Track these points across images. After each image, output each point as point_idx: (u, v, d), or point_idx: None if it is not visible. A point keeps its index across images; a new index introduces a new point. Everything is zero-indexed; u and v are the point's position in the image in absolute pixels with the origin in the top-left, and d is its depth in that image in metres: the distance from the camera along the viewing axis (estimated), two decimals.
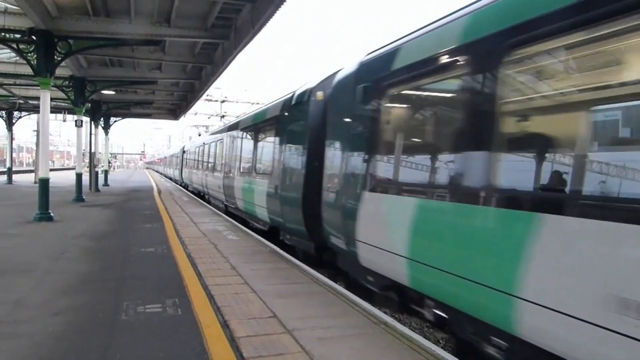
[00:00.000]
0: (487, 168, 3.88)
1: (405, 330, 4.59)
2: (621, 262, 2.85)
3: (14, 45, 12.79)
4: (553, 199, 3.51)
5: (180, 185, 34.11)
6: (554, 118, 4.02)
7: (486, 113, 3.98)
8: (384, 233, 5.54)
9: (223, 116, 46.68)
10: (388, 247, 5.37)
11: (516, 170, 3.99)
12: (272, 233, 10.57)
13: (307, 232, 8.33)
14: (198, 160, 24.13)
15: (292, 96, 9.47)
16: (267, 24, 12.04)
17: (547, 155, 3.99)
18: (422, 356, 3.97)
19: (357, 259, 6.31)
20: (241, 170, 13.43)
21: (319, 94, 8.30)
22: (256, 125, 12.20)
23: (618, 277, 2.84)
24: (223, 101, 48.02)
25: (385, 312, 5.55)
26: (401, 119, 6.12)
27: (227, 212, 15.81)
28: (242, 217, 13.87)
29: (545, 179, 3.85)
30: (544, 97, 3.97)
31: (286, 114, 9.65)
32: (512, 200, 3.73)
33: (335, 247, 7.25)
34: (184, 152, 33.18)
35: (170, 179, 45.60)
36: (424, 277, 4.76)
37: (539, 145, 3.98)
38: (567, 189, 3.56)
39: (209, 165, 19.81)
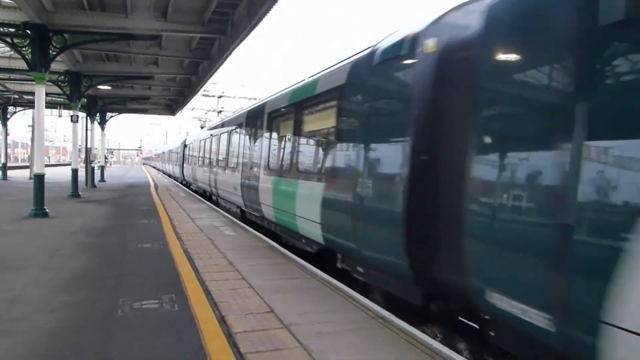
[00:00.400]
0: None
1: (403, 324, 4.59)
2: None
3: (9, 40, 12.69)
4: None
5: (181, 183, 31.74)
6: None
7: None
8: None
9: (220, 111, 46.60)
10: None
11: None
12: (321, 256, 7.66)
13: (411, 269, 5.06)
14: (204, 156, 20.83)
15: (372, 52, 6.08)
16: (264, 19, 11.98)
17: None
18: (419, 350, 3.97)
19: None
20: (272, 168, 9.93)
21: (429, 44, 5.01)
22: (299, 105, 8.71)
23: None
24: (220, 96, 47.96)
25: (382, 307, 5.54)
26: None
27: (244, 220, 12.84)
28: (268, 229, 10.67)
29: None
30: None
31: (359, 82, 6.34)
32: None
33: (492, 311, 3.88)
34: (185, 146, 29.72)
35: (170, 176, 42.26)
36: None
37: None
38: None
39: (220, 161, 16.49)
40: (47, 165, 14.15)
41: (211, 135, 19.40)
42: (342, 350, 3.93)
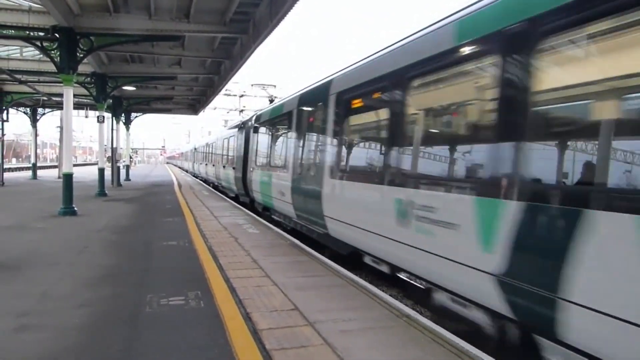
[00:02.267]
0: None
1: (428, 323, 4.56)
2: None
3: (38, 43, 13.03)
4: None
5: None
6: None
7: None
8: None
9: (242, 110, 46.88)
10: None
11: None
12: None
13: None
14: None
15: None
16: (285, 18, 12.03)
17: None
18: (445, 349, 3.94)
19: None
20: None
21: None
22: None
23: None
24: (242, 95, 48.21)
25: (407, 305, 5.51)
26: None
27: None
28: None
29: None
30: None
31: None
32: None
33: None
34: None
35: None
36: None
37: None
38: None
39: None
40: (74, 165, 14.44)
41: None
42: (367, 348, 3.93)
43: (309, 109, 9.71)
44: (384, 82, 6.34)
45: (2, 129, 25.40)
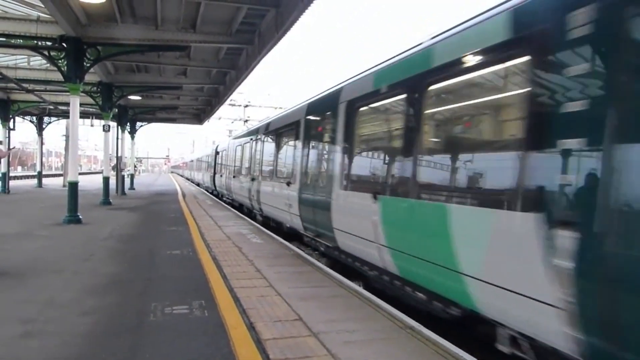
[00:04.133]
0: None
1: (432, 335, 4.55)
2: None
3: (46, 53, 13.16)
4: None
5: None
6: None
7: None
8: None
9: (246, 120, 47.09)
10: None
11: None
12: None
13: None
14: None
15: None
16: (291, 29, 12.12)
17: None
18: None
19: None
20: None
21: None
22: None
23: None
24: (246, 105, 48.48)
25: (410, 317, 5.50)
26: None
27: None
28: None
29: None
30: None
31: None
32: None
33: None
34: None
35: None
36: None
37: None
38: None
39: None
40: (79, 174, 14.51)
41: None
42: (371, 359, 3.93)
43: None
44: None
45: (9, 137, 25.56)
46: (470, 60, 4.53)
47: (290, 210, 10.11)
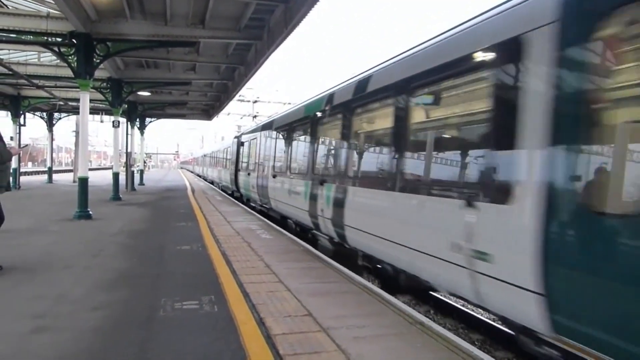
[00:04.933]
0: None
1: (442, 330, 4.52)
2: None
3: (56, 49, 13.25)
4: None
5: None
6: None
7: None
8: None
9: (255, 116, 47.11)
10: None
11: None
12: None
13: None
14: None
15: None
16: (300, 25, 12.09)
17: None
18: (459, 357, 3.90)
19: None
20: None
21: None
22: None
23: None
24: (255, 101, 48.49)
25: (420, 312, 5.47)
26: None
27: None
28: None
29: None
30: None
31: None
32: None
33: None
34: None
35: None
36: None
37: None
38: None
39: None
40: (89, 170, 14.59)
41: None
42: (380, 354, 3.91)
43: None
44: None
45: (19, 133, 25.76)
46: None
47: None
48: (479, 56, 4.66)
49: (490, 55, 4.49)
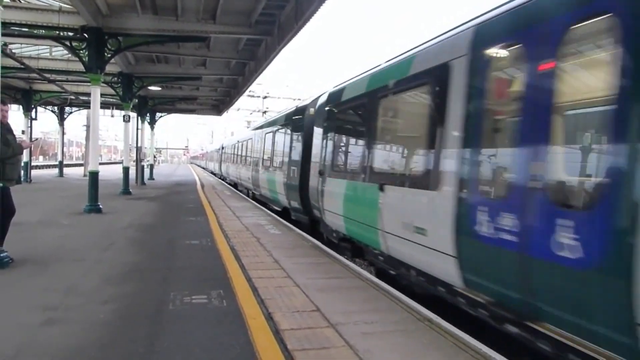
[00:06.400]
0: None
1: (450, 327, 4.50)
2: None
3: (67, 43, 13.32)
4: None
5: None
6: None
7: None
8: None
9: (265, 112, 47.17)
10: None
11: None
12: None
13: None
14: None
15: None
16: (310, 20, 12.06)
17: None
18: (467, 354, 3.89)
19: None
20: None
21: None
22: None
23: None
24: (265, 97, 48.54)
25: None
26: None
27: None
28: None
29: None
30: None
31: None
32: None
33: None
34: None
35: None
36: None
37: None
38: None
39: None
40: (100, 164, 14.70)
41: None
42: (388, 350, 3.90)
43: None
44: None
45: (31, 127, 25.97)
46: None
47: None
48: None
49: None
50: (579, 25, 3.69)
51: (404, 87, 6.56)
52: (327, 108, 9.71)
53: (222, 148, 36.23)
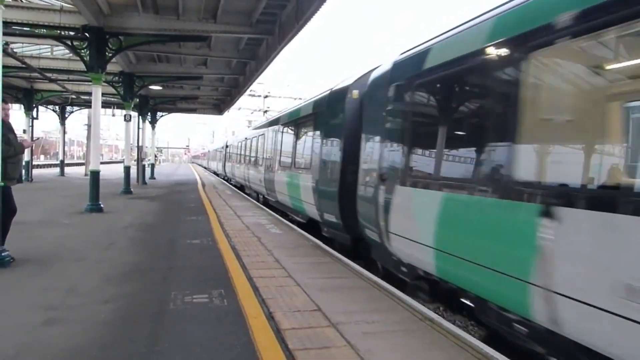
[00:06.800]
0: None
1: (452, 327, 4.50)
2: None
3: (69, 42, 13.34)
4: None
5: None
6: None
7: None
8: None
9: (266, 111, 47.18)
10: None
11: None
12: None
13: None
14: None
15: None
16: (311, 20, 12.05)
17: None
18: (469, 353, 3.88)
19: None
20: None
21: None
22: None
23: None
24: (266, 96, 48.55)
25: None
26: None
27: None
28: None
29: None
30: None
31: None
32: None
33: None
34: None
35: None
36: None
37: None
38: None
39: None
40: (101, 163, 14.70)
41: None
42: (389, 350, 3.90)
43: None
44: None
45: (32, 126, 25.99)
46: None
47: None
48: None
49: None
50: None
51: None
52: (395, 84, 6.70)
53: (227, 147, 32.79)
